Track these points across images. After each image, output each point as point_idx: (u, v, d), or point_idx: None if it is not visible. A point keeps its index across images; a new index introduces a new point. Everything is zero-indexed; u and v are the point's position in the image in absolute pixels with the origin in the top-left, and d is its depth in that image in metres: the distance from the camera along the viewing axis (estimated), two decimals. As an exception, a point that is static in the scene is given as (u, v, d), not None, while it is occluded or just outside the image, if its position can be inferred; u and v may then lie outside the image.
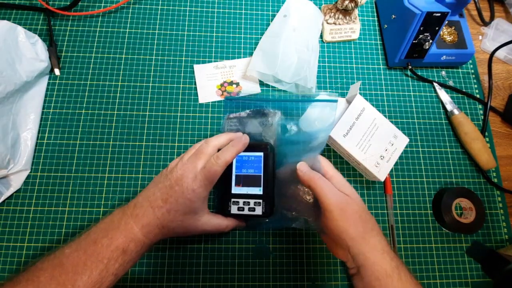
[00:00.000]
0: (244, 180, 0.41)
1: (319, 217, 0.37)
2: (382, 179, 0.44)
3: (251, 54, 0.54)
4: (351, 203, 0.35)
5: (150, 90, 0.50)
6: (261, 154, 0.41)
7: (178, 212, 0.34)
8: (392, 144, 0.46)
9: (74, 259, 0.31)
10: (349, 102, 0.48)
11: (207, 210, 0.38)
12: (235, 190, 0.41)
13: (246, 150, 0.40)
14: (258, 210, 0.39)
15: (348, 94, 0.49)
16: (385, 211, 0.48)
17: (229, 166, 0.41)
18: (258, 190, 0.40)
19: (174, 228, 0.35)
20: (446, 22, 0.52)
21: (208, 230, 0.38)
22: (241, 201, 0.40)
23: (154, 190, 0.36)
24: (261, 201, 0.39)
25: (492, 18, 0.61)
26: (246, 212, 0.40)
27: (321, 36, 0.56)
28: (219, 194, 0.44)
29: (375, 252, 0.33)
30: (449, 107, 0.53)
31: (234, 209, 0.40)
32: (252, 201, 0.40)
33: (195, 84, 0.51)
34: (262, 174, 0.40)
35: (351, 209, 0.35)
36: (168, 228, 0.35)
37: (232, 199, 0.40)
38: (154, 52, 0.52)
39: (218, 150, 0.38)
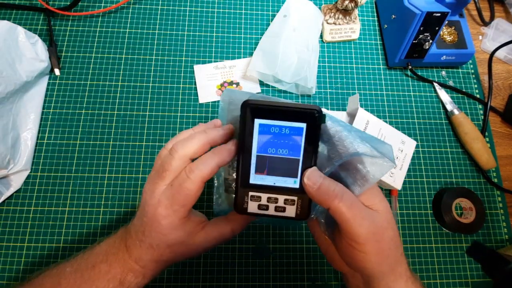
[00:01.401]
0: (271, 166, 0.27)
1: (333, 232, 0.29)
2: (399, 188, 0.44)
3: (251, 54, 0.54)
4: (386, 228, 0.26)
5: (150, 90, 0.50)
6: (303, 125, 0.26)
7: (159, 246, 0.27)
8: (402, 151, 0.45)
9: (70, 281, 0.28)
10: (349, 115, 0.47)
11: (199, 227, 0.28)
12: (256, 179, 0.27)
13: (279, 118, 0.26)
14: (290, 211, 0.27)
15: (348, 107, 0.48)
16: (385, 211, 0.48)
17: (248, 139, 0.27)
18: (292, 182, 0.27)
19: (169, 260, 0.28)
20: (446, 22, 0.52)
21: (210, 247, 0.29)
22: (264, 196, 0.27)
23: (137, 215, 0.28)
24: (295, 198, 0.27)
25: (492, 18, 0.61)
26: (271, 212, 0.28)
27: (321, 36, 0.56)
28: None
29: (400, 280, 0.27)
30: (449, 107, 0.53)
31: (252, 207, 0.28)
32: (281, 198, 0.27)
33: (195, 84, 0.51)
34: (301, 158, 0.27)
35: (387, 238, 0.26)
36: (163, 261, 0.28)
37: (250, 193, 0.28)
38: (154, 52, 0.52)
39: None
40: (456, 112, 0.52)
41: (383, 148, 0.26)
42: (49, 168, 0.46)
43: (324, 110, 0.33)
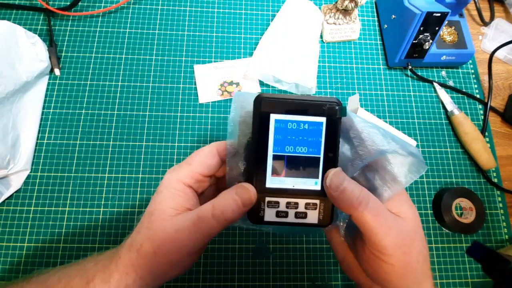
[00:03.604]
0: (289, 166, 0.25)
1: (354, 239, 0.27)
2: None
3: (251, 54, 0.54)
4: (414, 238, 0.24)
5: (150, 90, 0.50)
6: (323, 120, 0.25)
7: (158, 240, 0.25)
8: None
9: None
10: None
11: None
12: (273, 182, 0.25)
13: (296, 112, 0.24)
14: (312, 217, 0.25)
15: (348, 107, 0.48)
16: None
17: (263, 137, 0.25)
18: (313, 184, 0.25)
19: (162, 267, 0.25)
20: (446, 22, 0.52)
21: (195, 243, 0.24)
22: (282, 201, 0.25)
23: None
24: (317, 202, 0.25)
25: (492, 18, 0.61)
26: (291, 219, 0.25)
27: (321, 36, 0.56)
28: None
29: None
30: (449, 107, 0.53)
31: (270, 215, 0.25)
32: (302, 202, 0.25)
33: (195, 84, 0.51)
34: (322, 156, 0.25)
35: (416, 249, 0.23)
36: (155, 269, 0.25)
37: (267, 199, 0.25)
38: (154, 52, 0.52)
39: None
40: (456, 112, 0.51)
41: (411, 149, 0.24)
42: (49, 168, 0.46)
43: None
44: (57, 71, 0.49)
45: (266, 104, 0.24)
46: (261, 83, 0.52)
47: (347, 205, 0.23)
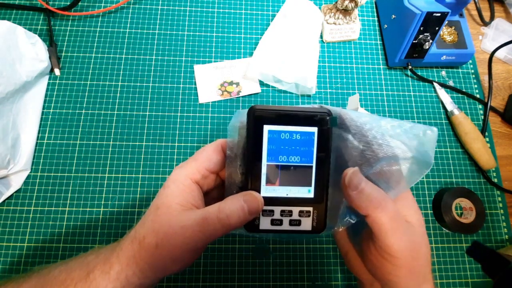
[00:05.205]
0: (283, 175, 0.26)
1: (358, 237, 0.28)
2: None
3: (251, 54, 0.54)
4: (422, 244, 0.24)
5: (150, 90, 0.50)
6: (314, 129, 0.25)
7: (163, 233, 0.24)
8: None
9: None
10: None
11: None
12: (267, 191, 0.26)
13: (288, 123, 0.25)
14: (306, 224, 0.26)
15: (348, 107, 0.48)
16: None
17: (257, 148, 0.25)
18: (306, 192, 0.26)
19: (164, 257, 0.25)
20: (446, 22, 0.52)
21: (198, 238, 0.24)
22: (277, 209, 0.26)
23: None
24: (311, 209, 0.26)
25: (492, 18, 0.61)
26: (285, 227, 0.26)
27: (321, 36, 0.56)
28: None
29: None
30: (449, 107, 0.53)
31: (265, 223, 0.26)
32: (296, 210, 0.26)
33: (195, 84, 0.51)
34: (314, 165, 0.26)
35: (423, 255, 0.24)
36: (158, 260, 0.25)
37: (262, 207, 0.26)
38: (154, 52, 0.52)
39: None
40: (456, 112, 0.51)
41: (423, 137, 0.24)
42: (49, 168, 0.46)
43: (345, 111, 0.30)
44: (57, 71, 0.49)
45: (260, 115, 0.25)
46: (261, 83, 0.52)
47: (364, 205, 0.23)
